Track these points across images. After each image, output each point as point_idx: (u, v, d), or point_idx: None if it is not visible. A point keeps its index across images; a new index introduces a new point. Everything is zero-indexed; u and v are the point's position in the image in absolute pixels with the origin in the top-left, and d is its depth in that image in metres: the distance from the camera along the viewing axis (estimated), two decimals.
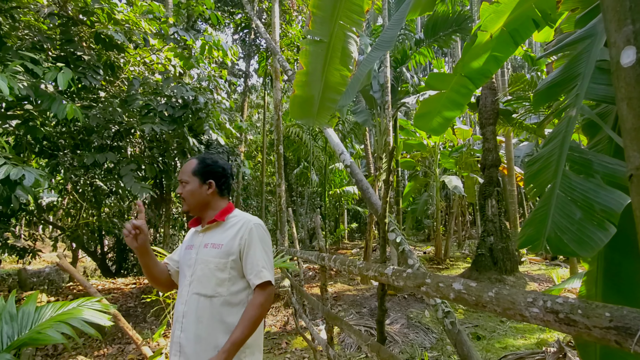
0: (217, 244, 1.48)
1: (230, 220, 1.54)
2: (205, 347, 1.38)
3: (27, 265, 11.91)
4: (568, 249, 1.33)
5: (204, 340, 1.39)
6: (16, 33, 5.25)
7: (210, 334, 1.39)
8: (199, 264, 1.47)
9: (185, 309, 1.43)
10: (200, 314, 1.41)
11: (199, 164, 1.57)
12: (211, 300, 1.42)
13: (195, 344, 1.39)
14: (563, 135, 1.36)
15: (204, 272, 1.45)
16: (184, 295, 1.46)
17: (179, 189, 1.56)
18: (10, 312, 1.58)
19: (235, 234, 1.48)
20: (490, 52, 2.79)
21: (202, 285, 1.44)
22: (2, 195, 3.41)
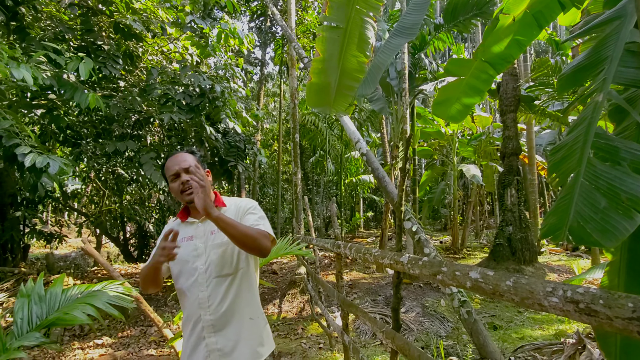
0: None
1: (228, 203, 1.64)
2: (240, 318, 1.51)
3: (55, 250, 12.42)
4: (591, 238, 1.29)
5: (236, 313, 1.50)
6: (39, 24, 5.38)
7: (242, 307, 1.52)
8: (212, 249, 1.52)
9: (208, 294, 1.49)
10: (227, 293, 1.50)
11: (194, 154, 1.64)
12: (234, 277, 1.52)
13: (229, 319, 1.49)
14: (588, 121, 1.31)
15: (221, 254, 1.52)
16: (202, 281, 1.50)
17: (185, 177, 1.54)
18: (39, 294, 1.66)
19: (234, 214, 1.58)
20: (513, 36, 2.70)
21: (221, 267, 1.51)
22: (29, 182, 3.53)
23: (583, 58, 1.46)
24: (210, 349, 1.47)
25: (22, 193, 7.91)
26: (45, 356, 4.68)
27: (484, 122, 10.83)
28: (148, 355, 4.60)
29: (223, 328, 1.48)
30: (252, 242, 1.42)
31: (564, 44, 7.20)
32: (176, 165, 1.55)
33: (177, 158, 1.57)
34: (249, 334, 1.52)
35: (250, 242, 1.42)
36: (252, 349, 1.51)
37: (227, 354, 1.47)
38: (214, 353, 1.47)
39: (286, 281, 7.59)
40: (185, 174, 1.54)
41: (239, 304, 1.52)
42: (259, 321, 1.58)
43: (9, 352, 1.47)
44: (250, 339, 1.51)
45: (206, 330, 1.48)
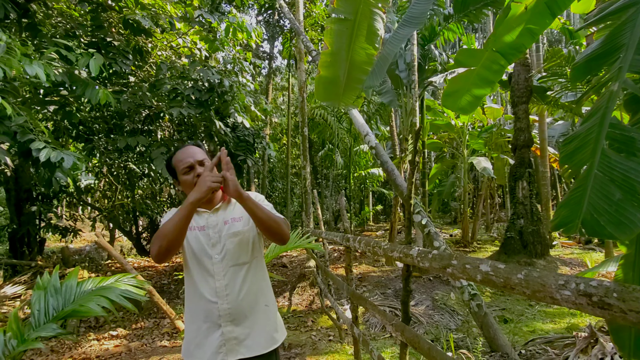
0: (237, 217, 1.57)
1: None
2: (256, 305, 1.54)
3: (69, 243, 12.68)
4: (605, 231, 1.27)
5: (253, 302, 1.53)
6: (50, 21, 5.44)
7: (257, 295, 1.55)
8: (227, 238, 1.53)
9: (225, 282, 1.50)
10: (244, 281, 1.53)
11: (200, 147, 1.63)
12: (249, 266, 1.55)
13: (246, 307, 1.51)
14: (603, 111, 1.28)
15: (237, 243, 1.53)
16: (219, 271, 1.51)
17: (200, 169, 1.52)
18: (54, 286, 1.70)
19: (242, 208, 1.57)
20: (525, 24, 2.64)
21: (238, 256, 1.53)
22: (44, 177, 3.60)
23: (597, 46, 1.42)
24: (227, 338, 1.47)
25: (38, 188, 8.08)
26: (62, 347, 4.81)
27: (495, 113, 10.67)
28: (161, 347, 4.69)
29: (240, 316, 1.50)
30: (276, 227, 1.44)
31: (577, 33, 7.03)
32: (190, 158, 1.53)
33: (189, 150, 1.56)
34: (265, 320, 1.54)
35: (275, 227, 1.44)
36: (268, 335, 1.54)
37: (243, 342, 1.48)
38: (231, 341, 1.47)
39: (296, 274, 7.64)
40: (200, 167, 1.53)
41: (255, 291, 1.54)
42: (272, 308, 1.61)
43: (28, 343, 1.51)
44: (265, 325, 1.54)
45: (223, 318, 1.48)
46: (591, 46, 1.53)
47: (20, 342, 1.53)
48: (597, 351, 2.95)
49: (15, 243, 8.01)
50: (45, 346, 4.89)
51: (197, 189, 1.38)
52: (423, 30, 8.74)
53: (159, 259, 1.39)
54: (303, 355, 4.01)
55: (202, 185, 1.38)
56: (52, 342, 4.96)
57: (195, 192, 1.37)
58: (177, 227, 1.36)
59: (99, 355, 4.45)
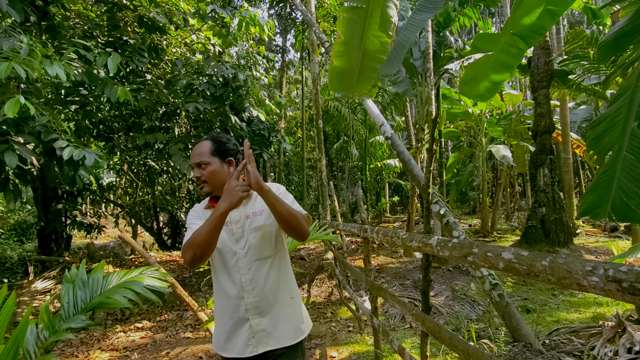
0: (259, 211, 1.57)
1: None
2: (282, 298, 1.55)
3: (94, 239, 13.09)
4: (636, 215, 1.22)
5: (278, 293, 1.55)
6: (68, 22, 5.56)
7: (283, 287, 1.57)
8: (250, 233, 1.55)
9: (250, 277, 1.53)
10: (269, 274, 1.55)
11: (214, 144, 1.59)
12: (274, 259, 1.57)
13: (273, 300, 1.54)
14: (632, 90, 1.22)
15: (260, 237, 1.54)
16: (243, 265, 1.53)
17: (196, 172, 1.55)
18: (82, 279, 1.75)
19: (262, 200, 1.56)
20: (545, 5, 2.54)
21: (261, 250, 1.55)
22: (67, 175, 3.71)
23: (625, 23, 1.35)
24: (255, 330, 1.50)
25: (62, 187, 8.34)
26: (91, 339, 4.99)
27: (514, 100, 10.38)
28: (185, 338, 4.81)
29: (267, 309, 1.52)
30: (295, 222, 1.42)
31: (601, 12, 6.73)
32: (192, 158, 1.58)
33: (195, 150, 1.58)
34: (291, 312, 1.56)
35: (294, 223, 1.42)
36: (295, 326, 1.55)
37: (271, 334, 1.51)
38: (259, 334, 1.50)
39: (314, 266, 7.69)
40: (198, 169, 1.55)
41: (280, 284, 1.56)
42: (298, 300, 1.62)
43: (59, 334, 1.57)
44: (292, 317, 1.56)
45: (250, 312, 1.51)
46: (618, 23, 1.46)
47: (51, 333, 1.59)
48: (625, 340, 2.87)
49: (44, 240, 8.33)
50: (75, 337, 5.09)
51: (228, 199, 1.37)
52: (437, 16, 8.54)
53: (192, 266, 1.43)
54: (323, 345, 4.05)
55: (232, 196, 1.37)
56: (81, 334, 5.16)
57: (225, 202, 1.37)
58: (209, 236, 1.37)
59: (126, 347, 4.60)
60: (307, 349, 4.01)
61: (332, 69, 2.98)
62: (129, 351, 4.45)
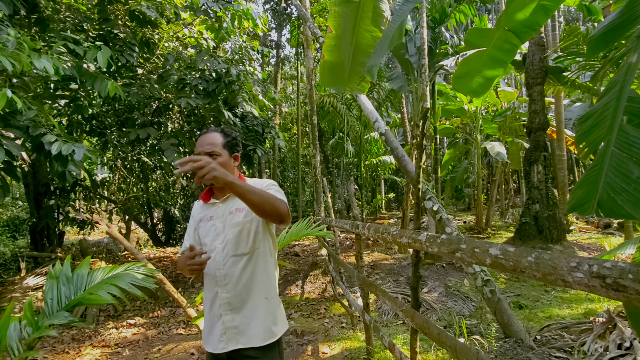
0: (242, 208, 1.56)
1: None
2: (255, 297, 1.53)
3: (87, 236, 13.00)
4: (622, 211, 1.21)
5: (252, 292, 1.53)
6: (58, 16, 5.47)
7: (257, 286, 1.54)
8: (229, 228, 1.55)
9: (224, 272, 1.53)
10: (243, 271, 1.53)
11: (225, 136, 1.59)
12: (250, 257, 1.54)
13: (244, 297, 1.52)
14: (621, 85, 1.21)
15: (237, 234, 1.54)
16: (220, 260, 1.54)
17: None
18: (66, 275, 1.73)
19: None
20: (538, 1, 2.52)
21: (237, 246, 1.54)
22: (57, 171, 3.67)
23: (614, 17, 1.34)
24: (227, 327, 1.51)
25: (55, 182, 8.26)
26: (82, 335, 4.96)
27: (509, 97, 10.40)
28: (177, 334, 4.79)
29: (239, 306, 1.51)
30: (269, 206, 1.39)
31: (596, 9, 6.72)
32: (199, 147, 1.56)
33: (202, 139, 1.57)
34: (264, 312, 1.53)
35: (268, 207, 1.39)
36: (267, 328, 1.52)
37: (242, 332, 1.50)
38: (230, 330, 1.51)
39: (308, 263, 7.68)
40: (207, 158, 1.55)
41: (255, 283, 1.54)
42: (273, 301, 1.58)
43: (41, 330, 1.54)
44: (264, 317, 1.53)
45: (222, 307, 1.52)
46: (608, 17, 1.44)
47: (34, 330, 1.57)
48: (615, 336, 2.89)
49: (36, 236, 8.25)
50: (67, 334, 5.05)
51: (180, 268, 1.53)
52: (433, 12, 8.51)
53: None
54: (315, 341, 4.04)
55: (183, 270, 1.50)
56: (73, 330, 5.12)
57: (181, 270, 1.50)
58: (184, 271, 1.50)
59: (117, 343, 4.58)
60: (299, 345, 4.00)
61: (324, 63, 2.95)
62: (120, 347, 4.42)
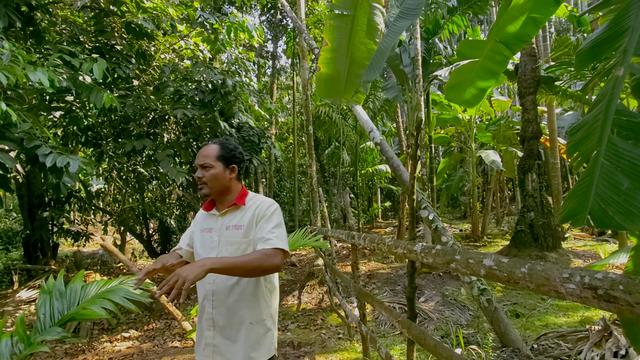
0: (239, 225, 1.54)
1: (248, 202, 1.61)
2: (239, 320, 1.49)
3: (82, 247, 12.86)
4: (613, 221, 1.23)
5: (236, 314, 1.50)
6: (55, 28, 5.50)
7: (241, 307, 1.50)
8: (223, 245, 1.53)
9: (214, 288, 1.52)
10: (231, 290, 1.50)
11: (222, 149, 1.60)
12: (239, 279, 1.51)
13: (227, 318, 1.49)
14: (609, 97, 1.24)
15: (230, 252, 1.52)
16: (210, 275, 1.50)
17: (199, 173, 1.56)
18: (59, 290, 1.71)
19: (252, 214, 1.56)
20: (528, 13, 2.58)
21: None
22: (51, 183, 3.65)
23: (602, 30, 1.37)
24: (207, 342, 1.50)
25: (49, 194, 8.19)
26: (76, 350, 4.88)
27: (503, 106, 10.52)
28: (172, 347, 4.73)
29: (222, 325, 1.49)
30: (258, 271, 1.42)
31: (586, 20, 6.87)
32: (197, 159, 1.59)
33: (201, 152, 1.60)
34: (245, 337, 1.49)
35: (256, 272, 1.43)
36: (245, 354, 1.48)
37: (220, 352, 1.49)
38: (209, 347, 1.50)
39: (305, 273, 7.64)
40: (201, 170, 1.56)
41: (240, 305, 1.50)
42: (258, 327, 1.52)
43: (33, 346, 1.52)
44: (245, 342, 1.49)
45: (206, 322, 1.51)
46: (596, 31, 1.48)
47: (26, 346, 1.54)
48: (611, 344, 2.89)
49: (29, 248, 8.15)
50: (60, 349, 4.97)
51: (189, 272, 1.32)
52: (427, 23, 8.65)
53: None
54: (312, 353, 4.00)
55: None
56: (66, 344, 5.04)
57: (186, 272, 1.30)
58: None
59: (111, 357, 4.50)
60: (295, 357, 3.96)
61: (320, 75, 2.98)
62: None
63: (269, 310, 1.57)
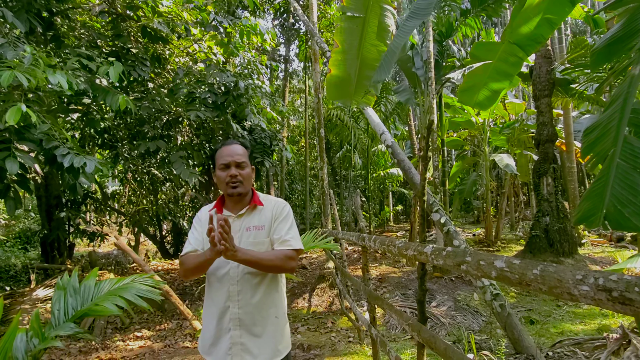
0: (260, 226, 1.59)
1: (265, 202, 1.65)
2: (265, 315, 1.54)
3: (97, 248, 13.12)
4: (630, 223, 1.19)
5: (262, 310, 1.54)
6: (74, 33, 5.65)
7: (268, 305, 1.56)
8: (245, 246, 1.54)
9: (239, 288, 1.53)
10: (257, 290, 1.54)
11: (246, 148, 1.65)
12: (264, 276, 1.56)
13: (254, 315, 1.53)
14: (624, 97, 1.21)
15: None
16: (234, 276, 1.54)
17: (234, 171, 1.56)
18: (74, 286, 1.74)
19: (271, 214, 1.61)
20: (543, 14, 2.54)
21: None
22: (68, 183, 3.73)
23: (617, 29, 1.34)
24: (234, 342, 1.51)
25: (66, 195, 8.38)
26: (89, 348, 4.96)
27: (517, 109, 10.36)
28: (183, 347, 4.77)
29: (248, 323, 1.52)
30: (277, 269, 1.53)
31: (596, 16, 6.70)
32: (229, 157, 1.57)
33: (230, 149, 1.59)
34: (272, 332, 1.55)
35: (277, 270, 1.53)
36: (274, 347, 1.54)
37: (249, 349, 1.50)
38: (237, 346, 1.50)
39: (315, 275, 7.63)
40: (236, 169, 1.57)
41: (267, 302, 1.55)
42: (282, 320, 1.61)
43: (47, 341, 1.56)
44: (272, 337, 1.54)
45: (232, 322, 1.52)
46: (611, 30, 1.45)
47: (41, 341, 1.58)
48: (630, 353, 2.80)
49: (47, 247, 8.35)
50: (74, 346, 5.06)
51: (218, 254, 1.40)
52: (440, 26, 8.59)
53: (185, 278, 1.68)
54: (322, 356, 3.99)
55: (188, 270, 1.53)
56: (80, 342, 5.13)
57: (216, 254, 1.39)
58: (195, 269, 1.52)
59: (124, 356, 4.56)
60: None
61: (330, 77, 2.99)
62: None
63: (285, 303, 1.67)
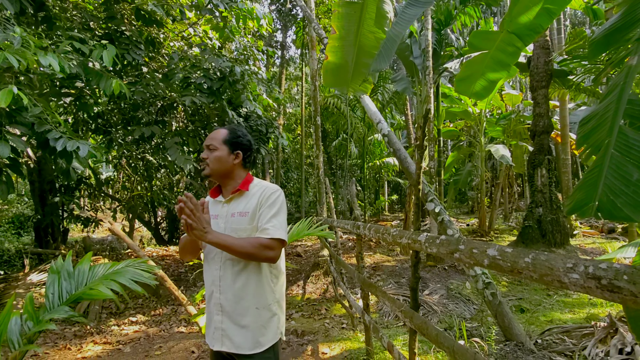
0: (244, 212, 1.57)
1: (252, 189, 1.63)
2: (245, 305, 1.53)
3: (92, 233, 13.07)
4: (622, 213, 1.21)
5: (242, 299, 1.53)
6: (66, 14, 5.52)
7: (247, 293, 1.54)
8: (228, 232, 1.55)
9: (221, 273, 1.55)
10: (237, 276, 1.54)
11: (229, 133, 1.64)
12: (245, 265, 1.54)
13: (234, 303, 1.53)
14: (621, 87, 1.21)
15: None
16: (218, 261, 1.57)
17: (204, 154, 1.60)
18: (68, 270, 1.74)
19: (257, 200, 1.58)
20: (542, 4, 2.52)
21: None
22: (61, 168, 3.70)
23: (616, 19, 1.34)
24: (217, 327, 1.55)
25: (60, 180, 8.31)
26: (85, 332, 4.99)
27: (514, 100, 10.35)
28: (178, 332, 4.81)
29: (229, 310, 1.53)
30: (250, 257, 1.49)
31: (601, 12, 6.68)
32: (206, 140, 1.64)
33: (211, 134, 1.65)
34: (252, 322, 1.53)
35: (250, 257, 1.50)
36: (253, 338, 1.52)
37: (228, 336, 1.52)
38: (218, 331, 1.54)
39: (310, 263, 7.69)
40: (206, 150, 1.61)
41: (246, 291, 1.53)
42: (264, 312, 1.55)
43: (42, 324, 1.56)
44: (252, 327, 1.53)
45: (215, 307, 1.55)
46: (610, 20, 1.44)
47: (35, 324, 1.58)
48: (616, 341, 2.87)
49: (40, 233, 8.31)
50: (69, 330, 5.09)
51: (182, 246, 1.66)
52: (438, 14, 8.50)
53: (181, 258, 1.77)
54: (315, 342, 4.05)
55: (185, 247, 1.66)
56: (75, 326, 5.16)
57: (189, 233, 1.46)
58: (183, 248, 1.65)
59: (119, 340, 4.60)
60: (299, 345, 4.01)
61: (327, 64, 2.96)
62: (121, 344, 4.45)
63: (274, 295, 1.60)
